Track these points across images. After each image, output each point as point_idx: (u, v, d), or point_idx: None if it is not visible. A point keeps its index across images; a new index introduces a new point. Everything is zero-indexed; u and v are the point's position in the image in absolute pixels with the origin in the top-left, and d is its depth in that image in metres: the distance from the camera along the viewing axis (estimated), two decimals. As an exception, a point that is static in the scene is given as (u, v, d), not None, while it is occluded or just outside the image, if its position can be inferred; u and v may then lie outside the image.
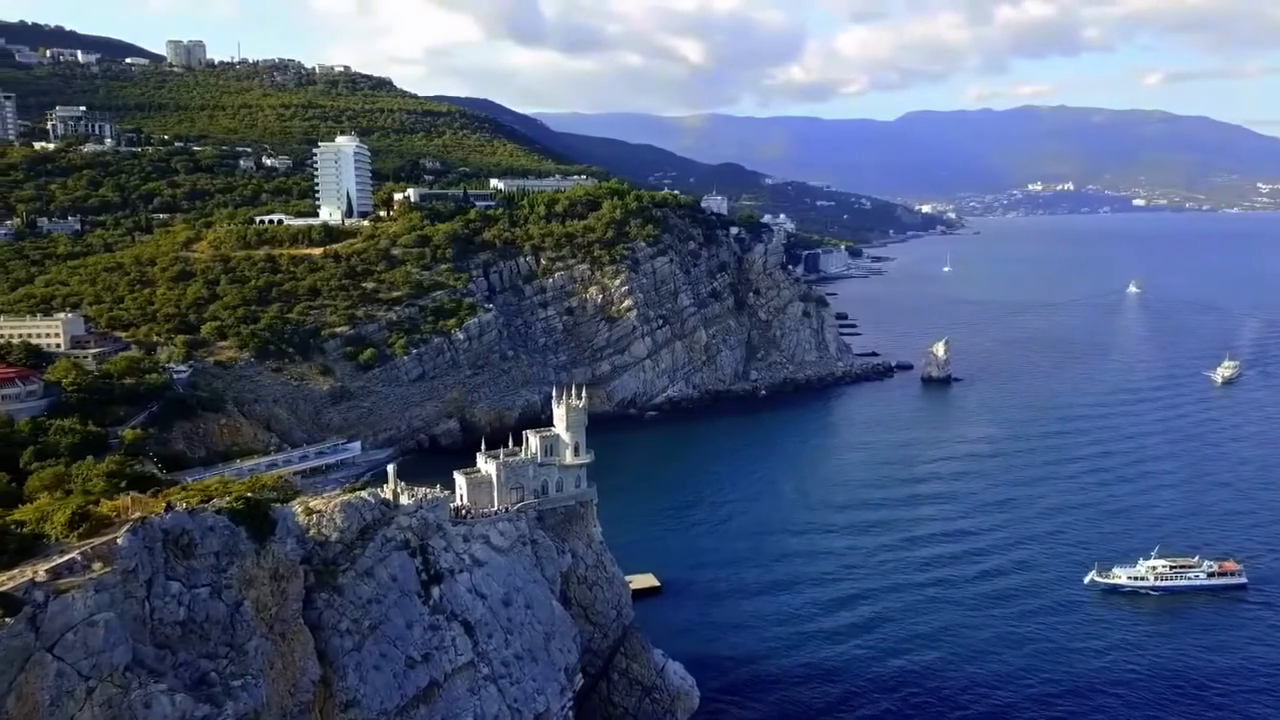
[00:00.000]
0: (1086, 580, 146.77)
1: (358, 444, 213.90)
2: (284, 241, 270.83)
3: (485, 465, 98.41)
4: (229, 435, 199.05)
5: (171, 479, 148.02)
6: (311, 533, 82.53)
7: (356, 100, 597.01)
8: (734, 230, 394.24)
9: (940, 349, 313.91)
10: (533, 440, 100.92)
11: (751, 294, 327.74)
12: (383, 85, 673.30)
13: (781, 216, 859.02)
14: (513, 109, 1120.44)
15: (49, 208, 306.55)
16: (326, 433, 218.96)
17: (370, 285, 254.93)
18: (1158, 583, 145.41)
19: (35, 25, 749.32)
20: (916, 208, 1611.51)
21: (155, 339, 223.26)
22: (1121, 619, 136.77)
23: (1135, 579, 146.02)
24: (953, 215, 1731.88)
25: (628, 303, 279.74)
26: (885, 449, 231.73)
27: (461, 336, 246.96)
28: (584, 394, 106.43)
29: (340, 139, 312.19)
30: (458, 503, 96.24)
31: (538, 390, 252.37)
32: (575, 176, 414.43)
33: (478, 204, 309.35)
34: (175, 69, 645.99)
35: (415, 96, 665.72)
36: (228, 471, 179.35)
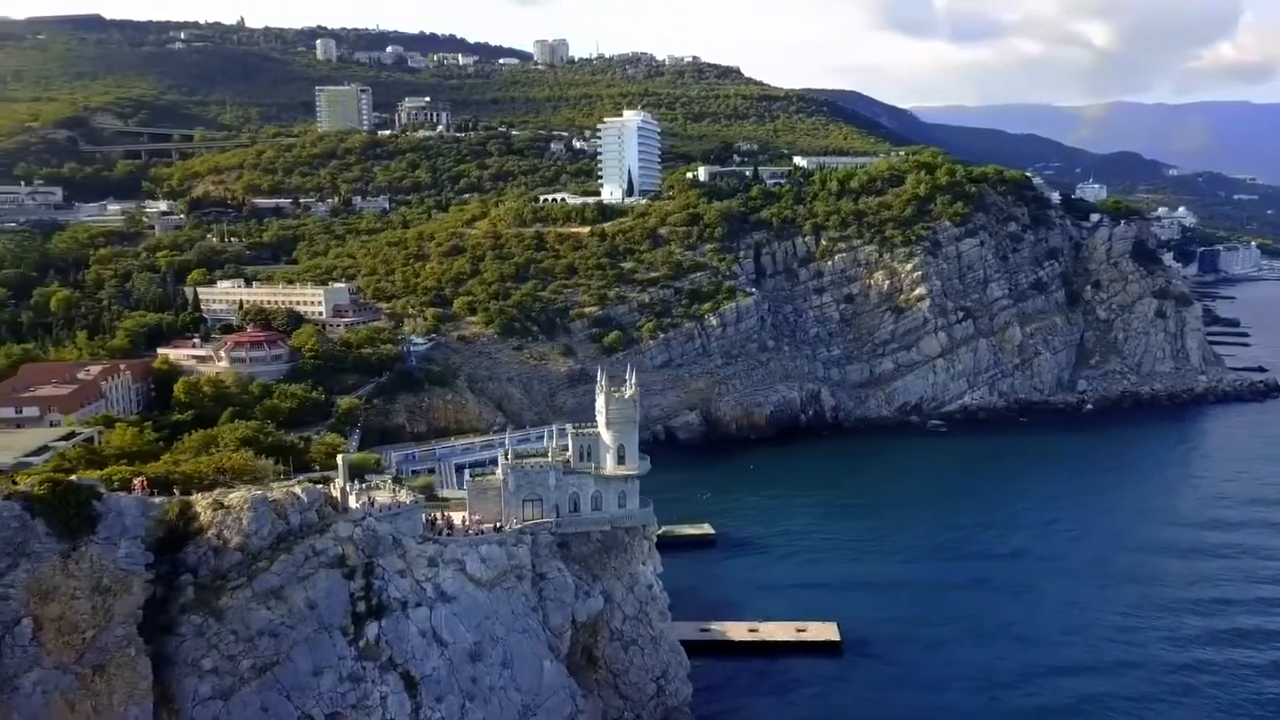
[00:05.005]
0: None
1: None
2: (557, 219, 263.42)
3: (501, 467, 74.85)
4: (453, 412, 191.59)
5: (334, 450, 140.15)
6: (210, 533, 63.98)
7: (698, 88, 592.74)
8: (1094, 217, 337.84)
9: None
10: (569, 438, 75.64)
11: (1089, 287, 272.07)
12: (728, 74, 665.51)
13: (1180, 210, 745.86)
14: (885, 102, 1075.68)
15: (367, 188, 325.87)
16: (559, 416, 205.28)
17: (629, 265, 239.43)
18: None
19: (431, 34, 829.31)
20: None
21: (409, 311, 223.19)
22: None
23: None
24: None
25: (920, 290, 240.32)
26: (1229, 491, 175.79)
27: (715, 323, 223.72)
28: (634, 380, 78.83)
29: (626, 113, 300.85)
30: (461, 515, 73.74)
31: (799, 386, 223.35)
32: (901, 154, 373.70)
33: (767, 181, 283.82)
34: (539, 66, 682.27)
35: (759, 83, 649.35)
36: (439, 449, 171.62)
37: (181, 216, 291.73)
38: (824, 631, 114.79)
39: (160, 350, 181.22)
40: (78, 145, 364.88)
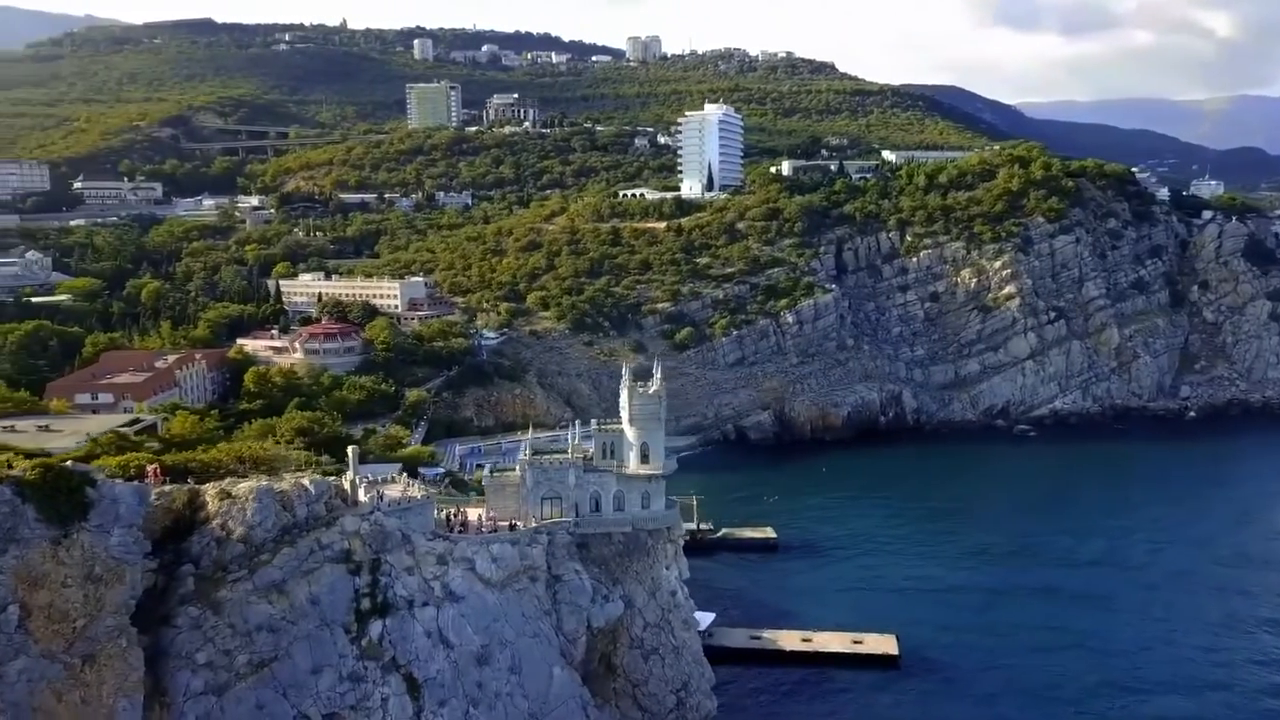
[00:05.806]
0: None
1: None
2: (635, 215, 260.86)
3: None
4: (521, 406, 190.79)
5: (395, 443, 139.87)
6: (214, 524, 62.77)
7: (790, 84, 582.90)
8: (1206, 214, 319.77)
9: None
10: (592, 434, 72.38)
11: (1196, 288, 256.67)
12: (822, 69, 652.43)
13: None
14: (988, 97, 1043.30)
15: (452, 183, 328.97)
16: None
17: (704, 261, 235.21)
18: None
19: (526, 33, 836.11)
20: None
21: (483, 306, 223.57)
22: None
23: None
24: None
25: (1009, 289, 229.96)
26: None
27: (790, 319, 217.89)
28: (660, 373, 75.01)
29: (708, 107, 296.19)
30: (478, 512, 71.20)
31: (879, 387, 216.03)
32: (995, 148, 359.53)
33: (853, 176, 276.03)
34: (631, 64, 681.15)
35: (853, 78, 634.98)
36: (505, 443, 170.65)
37: (271, 211, 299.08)
38: (881, 644, 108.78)
39: (239, 341, 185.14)
40: (179, 143, 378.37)
